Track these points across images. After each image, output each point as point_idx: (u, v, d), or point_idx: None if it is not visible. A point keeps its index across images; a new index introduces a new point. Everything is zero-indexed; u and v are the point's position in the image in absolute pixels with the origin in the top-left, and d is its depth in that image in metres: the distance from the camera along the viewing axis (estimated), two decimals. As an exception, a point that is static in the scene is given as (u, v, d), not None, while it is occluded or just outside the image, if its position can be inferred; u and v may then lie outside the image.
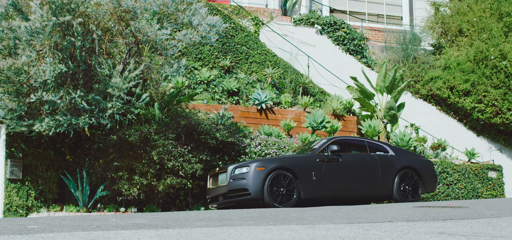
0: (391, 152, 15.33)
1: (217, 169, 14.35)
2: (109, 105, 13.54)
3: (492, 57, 22.50)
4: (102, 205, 15.41)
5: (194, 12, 14.18)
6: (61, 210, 15.33)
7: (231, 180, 13.59)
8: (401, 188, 14.87)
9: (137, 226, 6.46)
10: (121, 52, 15.00)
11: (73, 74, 13.96)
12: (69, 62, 13.30)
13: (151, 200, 15.36)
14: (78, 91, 13.29)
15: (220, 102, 19.38)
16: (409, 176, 15.06)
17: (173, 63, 13.83)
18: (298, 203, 13.70)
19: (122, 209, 15.18)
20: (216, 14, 20.98)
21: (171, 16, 14.36)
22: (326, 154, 14.39)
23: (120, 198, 15.07)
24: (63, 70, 12.92)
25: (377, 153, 15.17)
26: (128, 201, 15.45)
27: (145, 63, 14.13)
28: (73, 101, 13.34)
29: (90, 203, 15.21)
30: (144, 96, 14.08)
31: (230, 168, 13.73)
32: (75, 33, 13.08)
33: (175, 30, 14.49)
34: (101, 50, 13.72)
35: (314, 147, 14.79)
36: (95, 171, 15.25)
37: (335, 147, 14.33)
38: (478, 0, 25.00)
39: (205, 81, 19.72)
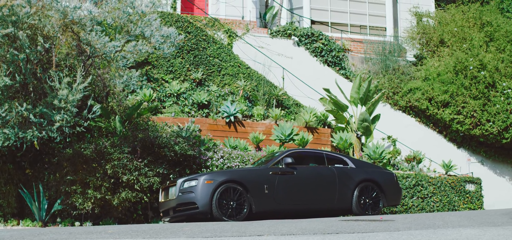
0: (351, 165, 15.01)
1: (168, 182, 14.14)
2: (58, 117, 13.36)
3: (471, 67, 22.12)
4: (60, 219, 15.24)
5: (147, 24, 14.00)
6: (18, 224, 15.18)
7: (180, 194, 13.37)
8: (361, 202, 14.54)
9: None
10: (77, 64, 14.85)
11: (26, 87, 13.83)
12: (16, 75, 13.16)
13: (108, 214, 15.17)
14: (25, 104, 13.14)
15: (189, 115, 19.19)
16: (370, 189, 14.72)
17: (123, 75, 13.65)
18: (250, 217, 13.44)
19: (77, 223, 15.01)
20: (188, 27, 20.83)
21: (123, 28, 14.21)
22: (280, 167, 14.11)
23: (75, 212, 14.88)
24: (7, 83, 12.78)
25: (336, 165, 14.86)
26: (86, 215, 15.25)
27: (93, 75, 13.97)
28: (19, 114, 13.20)
29: (47, 217, 15.04)
30: (95, 108, 13.91)
31: (179, 181, 13.51)
32: (23, 46, 12.95)
33: (128, 41, 14.32)
34: (51, 62, 13.58)
35: (270, 160, 14.53)
36: (50, 185, 15.10)
37: (289, 160, 14.04)
38: (463, 9, 24.66)
39: (175, 94, 19.54)
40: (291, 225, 7.60)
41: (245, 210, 13.30)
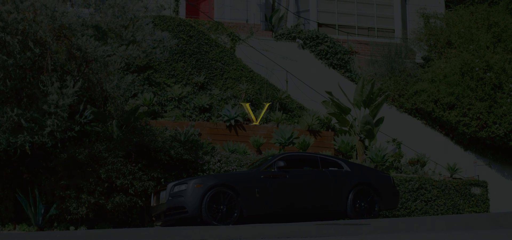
0: (346, 168, 14.86)
1: (159, 186, 14.13)
2: (49, 122, 13.40)
3: (477, 69, 21.81)
4: (57, 224, 15.27)
5: (138, 28, 14.01)
6: (14, 228, 15.26)
7: (170, 198, 13.34)
8: (357, 205, 14.38)
9: None
10: (71, 69, 14.89)
11: (20, 92, 13.91)
12: (7, 80, 13.24)
13: (104, 219, 15.18)
14: (16, 109, 13.20)
15: (191, 119, 19.16)
16: (365, 192, 14.56)
17: (113, 79, 13.66)
18: (241, 220, 13.36)
19: (72, 227, 15.04)
20: (190, 31, 20.82)
21: (117, 32, 14.24)
22: (272, 170, 14.01)
23: (69, 217, 14.89)
24: (-4, 88, 12.87)
25: (330, 169, 14.72)
26: (82, 220, 15.27)
27: (91, 79, 14.00)
28: (11, 119, 13.26)
29: (44, 222, 15.07)
30: (87, 112, 13.95)
31: (170, 185, 13.48)
32: (13, 51, 13.02)
33: (120, 45, 14.32)
34: (42, 67, 13.64)
35: (262, 163, 14.44)
36: (45, 189, 15.14)
37: (282, 163, 13.93)
38: (471, 10, 24.33)
39: (177, 98, 19.53)
40: (251, 229, 7.51)
41: (235, 214, 13.23)
